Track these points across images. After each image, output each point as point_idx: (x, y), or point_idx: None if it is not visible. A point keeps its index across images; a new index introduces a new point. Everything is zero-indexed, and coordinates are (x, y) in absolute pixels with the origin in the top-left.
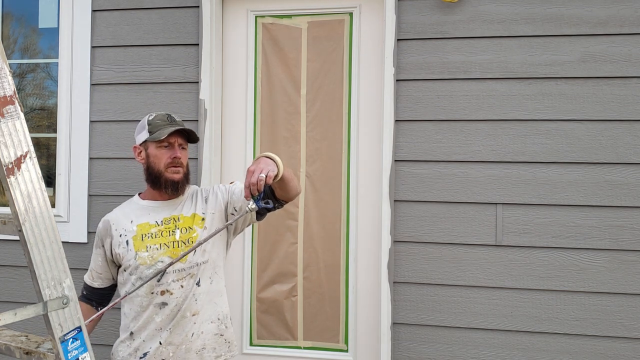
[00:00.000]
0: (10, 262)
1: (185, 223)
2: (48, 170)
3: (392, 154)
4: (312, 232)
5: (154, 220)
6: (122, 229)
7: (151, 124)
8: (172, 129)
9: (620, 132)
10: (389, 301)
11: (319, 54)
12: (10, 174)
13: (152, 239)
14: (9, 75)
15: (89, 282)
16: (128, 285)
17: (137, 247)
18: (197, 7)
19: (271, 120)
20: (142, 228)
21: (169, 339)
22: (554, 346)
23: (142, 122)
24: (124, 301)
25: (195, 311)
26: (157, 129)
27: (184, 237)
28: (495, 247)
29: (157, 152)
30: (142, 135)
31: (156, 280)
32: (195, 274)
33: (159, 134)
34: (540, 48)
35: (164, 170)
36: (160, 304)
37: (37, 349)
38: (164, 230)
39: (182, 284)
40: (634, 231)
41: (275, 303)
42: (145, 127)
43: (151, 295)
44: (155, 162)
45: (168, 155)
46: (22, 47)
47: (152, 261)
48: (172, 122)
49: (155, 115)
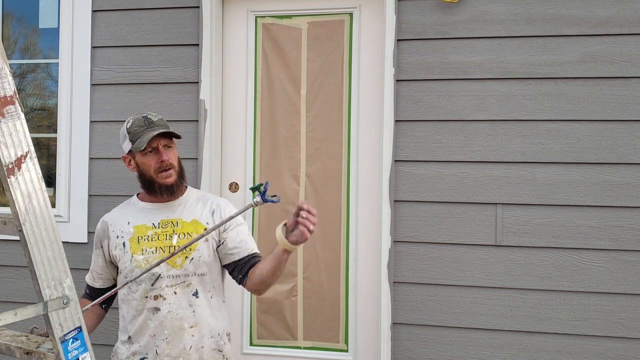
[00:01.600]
0: (11, 262)
1: (184, 229)
2: (48, 170)
3: (392, 154)
4: None
5: (151, 222)
6: (119, 230)
7: (131, 132)
8: (150, 135)
9: (620, 133)
10: (389, 301)
11: (319, 54)
12: (10, 174)
13: (148, 242)
14: (9, 76)
15: (90, 283)
16: (125, 287)
17: (134, 249)
18: (197, 7)
19: (271, 120)
20: (139, 230)
21: (167, 350)
22: (553, 346)
23: (122, 130)
24: (122, 303)
25: (194, 323)
26: (137, 137)
27: (182, 243)
28: (495, 247)
29: (144, 159)
30: (126, 144)
31: (150, 285)
32: (191, 283)
33: (140, 143)
34: (540, 48)
35: (154, 176)
36: (153, 309)
37: (38, 349)
38: (161, 233)
39: (176, 291)
40: (634, 231)
41: (275, 303)
42: (126, 137)
43: (145, 299)
44: (145, 170)
45: (155, 160)
46: (23, 47)
47: (147, 264)
48: (150, 124)
49: (133, 121)
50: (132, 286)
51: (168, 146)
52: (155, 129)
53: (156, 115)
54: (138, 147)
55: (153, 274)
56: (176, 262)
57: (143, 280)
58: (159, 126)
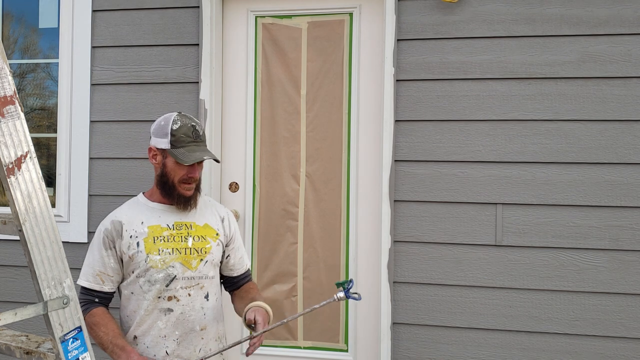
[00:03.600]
0: (11, 262)
1: (198, 232)
2: (48, 170)
3: (392, 154)
4: (312, 232)
5: (165, 224)
6: (133, 229)
7: (175, 136)
8: (199, 158)
9: (620, 132)
10: (388, 301)
11: (319, 54)
12: (10, 174)
13: (165, 243)
14: (9, 75)
15: (97, 287)
16: (134, 287)
17: (149, 249)
18: (197, 7)
19: (271, 120)
20: (154, 230)
21: (177, 351)
22: (553, 346)
23: (163, 124)
24: (128, 303)
25: (204, 326)
26: (180, 145)
27: (197, 245)
28: (495, 247)
29: (175, 166)
30: (162, 142)
31: (165, 285)
32: (204, 286)
33: (183, 157)
34: (540, 48)
35: (177, 184)
36: (165, 310)
37: (38, 349)
38: (176, 235)
39: (190, 293)
40: (634, 231)
41: (275, 303)
42: (167, 136)
43: (158, 299)
44: (170, 174)
45: (185, 172)
46: (23, 47)
47: (163, 265)
48: (197, 139)
49: (180, 125)
50: (144, 286)
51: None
52: (200, 146)
53: (200, 126)
54: (181, 161)
55: (169, 274)
56: (192, 264)
57: (158, 281)
58: (204, 143)
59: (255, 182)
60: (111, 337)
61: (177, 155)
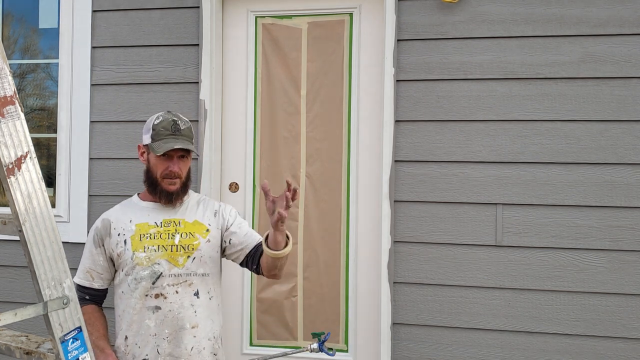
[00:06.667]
0: (10, 262)
1: (186, 228)
2: (48, 170)
3: (392, 154)
4: (312, 232)
5: (153, 221)
6: (121, 227)
7: (155, 130)
8: (171, 146)
9: (620, 133)
10: (388, 301)
11: (319, 54)
12: (10, 174)
13: (151, 240)
14: (9, 76)
15: (87, 284)
16: (124, 285)
17: (135, 247)
18: (197, 7)
19: (271, 120)
20: (141, 228)
21: (168, 349)
22: (553, 346)
23: (149, 121)
24: (120, 302)
25: (195, 324)
26: (159, 138)
27: (185, 242)
28: (495, 248)
29: (156, 161)
30: (146, 138)
31: (151, 283)
32: (193, 283)
33: (158, 147)
34: (540, 48)
35: (160, 179)
36: (153, 308)
37: (38, 349)
38: (163, 232)
39: (178, 290)
40: (634, 231)
41: (275, 303)
42: (149, 131)
43: (145, 297)
44: (153, 169)
45: (165, 166)
46: (23, 47)
47: (148, 262)
48: (176, 132)
49: (162, 119)
50: (132, 284)
51: (183, 157)
52: (178, 139)
53: (185, 123)
54: (156, 151)
55: (154, 272)
56: (178, 261)
57: (143, 278)
58: (184, 137)
59: (255, 182)
60: (94, 338)
61: (153, 147)
